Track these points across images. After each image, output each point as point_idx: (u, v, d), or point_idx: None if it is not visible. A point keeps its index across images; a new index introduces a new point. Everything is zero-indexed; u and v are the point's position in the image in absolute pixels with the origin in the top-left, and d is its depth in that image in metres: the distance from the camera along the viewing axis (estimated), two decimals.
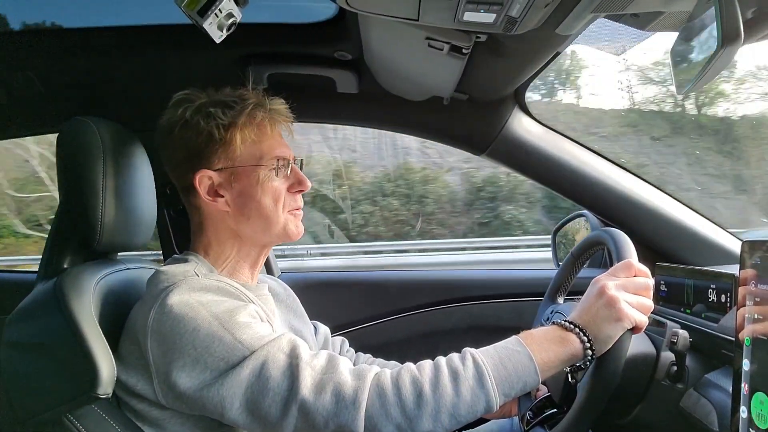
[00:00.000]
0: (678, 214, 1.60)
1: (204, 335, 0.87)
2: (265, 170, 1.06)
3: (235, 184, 1.06)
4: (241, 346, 0.87)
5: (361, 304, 1.83)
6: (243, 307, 0.93)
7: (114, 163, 1.09)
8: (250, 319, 0.91)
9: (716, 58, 0.67)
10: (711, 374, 1.01)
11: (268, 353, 0.86)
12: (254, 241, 1.11)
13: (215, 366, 0.86)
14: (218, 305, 0.91)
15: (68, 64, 1.51)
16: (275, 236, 1.10)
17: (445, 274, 2.02)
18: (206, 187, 1.06)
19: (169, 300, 0.91)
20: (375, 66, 1.42)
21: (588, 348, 0.91)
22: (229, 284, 1.00)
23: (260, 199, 1.06)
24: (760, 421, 0.75)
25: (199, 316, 0.89)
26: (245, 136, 1.06)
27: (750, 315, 0.78)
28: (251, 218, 1.07)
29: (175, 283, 0.94)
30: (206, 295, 0.94)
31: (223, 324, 0.88)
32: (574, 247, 1.34)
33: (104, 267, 1.11)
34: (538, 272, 1.93)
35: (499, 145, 1.61)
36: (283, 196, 1.08)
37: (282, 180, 1.09)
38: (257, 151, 1.06)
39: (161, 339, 0.90)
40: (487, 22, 0.92)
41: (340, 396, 0.83)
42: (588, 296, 0.96)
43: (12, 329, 1.00)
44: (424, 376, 0.85)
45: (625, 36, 1.13)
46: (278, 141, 1.10)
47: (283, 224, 1.09)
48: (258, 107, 1.06)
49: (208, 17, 0.89)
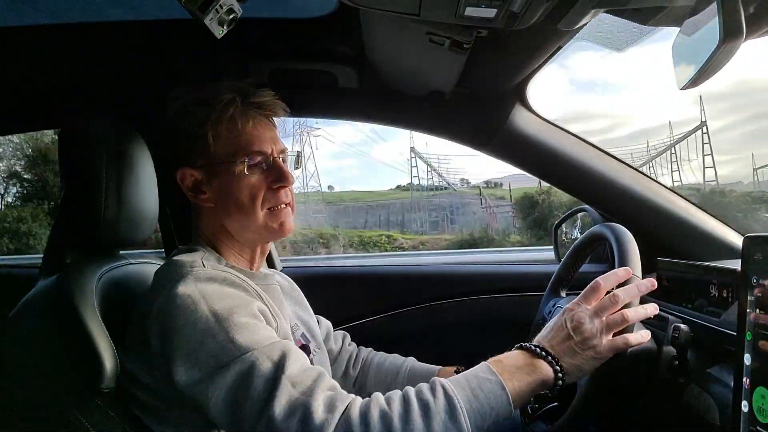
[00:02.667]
0: (679, 209, 1.59)
1: (200, 330, 0.87)
2: (240, 166, 1.05)
3: (213, 181, 1.07)
4: (233, 346, 0.86)
5: (363, 298, 1.83)
6: (245, 305, 0.93)
7: (116, 159, 1.10)
8: (249, 320, 0.91)
9: (717, 53, 0.67)
10: (713, 369, 1.01)
11: (256, 359, 0.85)
12: (243, 237, 1.11)
13: (206, 362, 0.86)
14: (220, 300, 0.91)
15: (70, 60, 1.51)
16: (257, 233, 1.09)
17: (448, 269, 2.02)
18: (189, 184, 1.08)
19: (174, 290, 0.91)
20: (376, 61, 1.42)
21: (559, 379, 0.90)
22: (236, 275, 1.00)
23: (237, 196, 1.05)
24: (761, 416, 0.75)
25: (199, 310, 0.89)
26: (218, 133, 1.05)
27: (752, 310, 0.78)
28: (232, 214, 1.07)
29: (182, 273, 0.95)
30: (212, 285, 0.94)
31: (220, 321, 0.88)
32: (576, 242, 1.35)
33: (107, 262, 1.12)
34: (540, 267, 1.93)
35: (501, 140, 1.61)
36: (261, 192, 1.06)
37: (259, 175, 1.07)
38: (232, 146, 1.05)
39: (162, 328, 0.91)
40: (489, 17, 0.92)
41: (307, 426, 0.80)
42: (559, 325, 0.96)
43: (15, 324, 1.01)
44: (394, 410, 0.82)
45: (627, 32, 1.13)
46: (256, 135, 1.07)
47: (262, 222, 1.07)
48: (231, 103, 1.05)
49: (209, 13, 0.88)
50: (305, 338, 1.18)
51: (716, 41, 0.66)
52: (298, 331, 1.17)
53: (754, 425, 0.76)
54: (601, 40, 1.21)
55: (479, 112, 1.58)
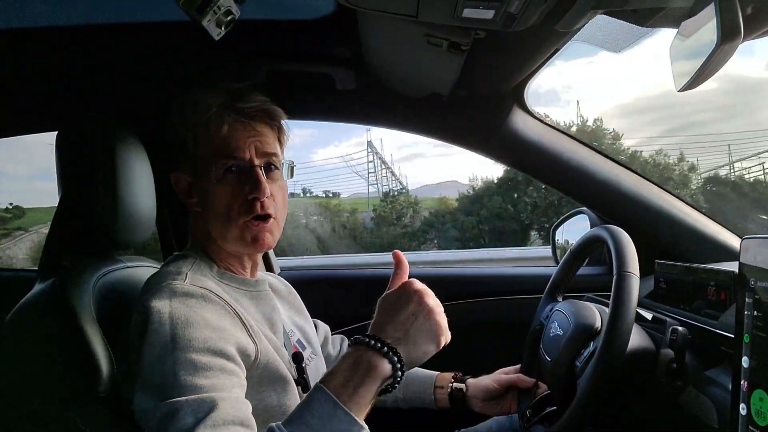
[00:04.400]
0: (677, 211, 1.59)
1: (156, 355, 0.84)
2: (218, 172, 1.02)
3: (198, 185, 1.05)
4: (173, 381, 0.82)
5: (361, 301, 1.81)
6: (208, 340, 0.87)
7: (113, 162, 1.09)
8: (204, 358, 0.85)
9: (715, 54, 0.67)
10: (710, 371, 1.01)
11: (181, 407, 0.79)
12: (225, 245, 1.07)
13: (150, 391, 0.83)
14: (186, 327, 0.86)
15: (67, 63, 1.51)
16: (234, 243, 1.05)
17: (445, 272, 2.01)
18: (182, 187, 1.07)
19: (147, 302, 0.89)
20: (374, 63, 1.42)
21: (396, 364, 0.83)
22: (216, 291, 0.96)
23: (213, 202, 1.02)
24: (759, 418, 0.75)
25: (161, 330, 0.85)
26: (199, 137, 1.03)
27: (749, 312, 0.78)
28: (211, 221, 1.04)
29: (160, 286, 0.92)
30: (187, 302, 0.90)
31: (174, 350, 0.84)
32: (574, 245, 1.35)
33: (104, 265, 1.11)
34: (538, 269, 1.93)
35: (499, 142, 1.61)
36: (237, 201, 1.02)
37: (235, 184, 1.02)
38: (210, 152, 1.02)
39: (132, 339, 0.90)
40: (486, 18, 0.92)
41: None
42: (398, 306, 0.88)
43: (12, 327, 1.00)
44: None
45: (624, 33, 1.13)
46: (233, 140, 1.02)
47: (239, 231, 1.03)
48: (209, 106, 1.02)
49: (207, 14, 0.88)
50: (301, 345, 1.16)
51: (714, 42, 0.66)
52: (294, 337, 1.16)
53: (752, 428, 0.76)
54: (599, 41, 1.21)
55: (477, 114, 1.58)
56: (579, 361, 1.09)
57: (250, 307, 1.06)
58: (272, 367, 0.98)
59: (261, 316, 1.07)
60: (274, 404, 0.98)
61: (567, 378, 1.11)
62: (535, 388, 1.28)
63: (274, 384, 0.98)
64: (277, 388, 0.98)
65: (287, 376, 1.00)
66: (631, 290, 1.01)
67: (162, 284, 0.93)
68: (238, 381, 0.89)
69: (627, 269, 1.03)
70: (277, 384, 0.99)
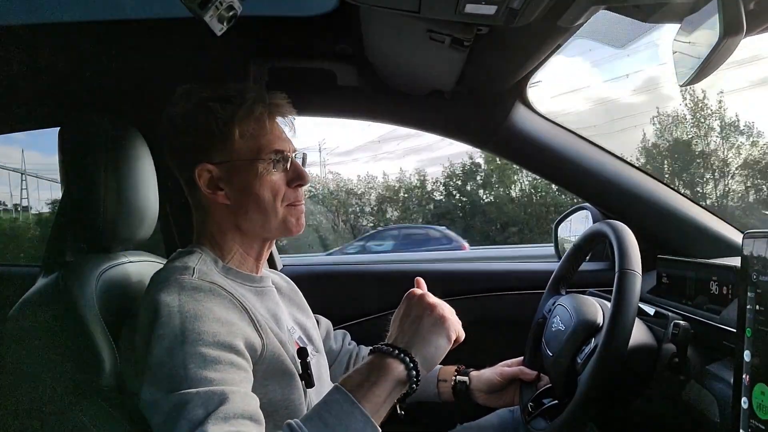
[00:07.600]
0: (680, 206, 1.59)
1: (165, 348, 0.85)
2: (264, 164, 1.06)
3: (233, 178, 1.07)
4: (183, 373, 0.83)
5: (364, 297, 1.83)
6: (218, 334, 0.89)
7: (116, 158, 1.10)
8: (214, 351, 0.87)
9: (718, 49, 0.67)
10: (712, 366, 1.02)
11: (192, 399, 0.80)
12: (255, 235, 1.11)
13: (159, 384, 0.84)
14: (195, 321, 0.88)
15: (70, 59, 1.51)
16: (274, 230, 1.10)
17: (448, 267, 2.02)
18: (206, 180, 1.07)
19: (156, 296, 0.90)
20: (376, 59, 1.42)
21: (412, 369, 0.87)
22: (224, 286, 0.98)
23: (258, 193, 1.06)
24: (761, 412, 0.75)
25: (171, 323, 0.87)
26: (244, 131, 1.05)
27: (751, 306, 0.79)
28: (249, 212, 1.07)
29: (169, 280, 0.94)
30: (195, 296, 0.92)
31: (184, 343, 0.85)
32: (576, 240, 1.35)
33: (107, 260, 1.12)
34: (541, 265, 1.92)
35: (501, 138, 1.61)
36: (282, 190, 1.08)
37: (281, 174, 1.09)
38: (256, 145, 1.06)
39: (140, 333, 0.91)
40: (489, 14, 0.92)
41: None
42: (404, 315, 0.95)
43: (15, 322, 1.01)
44: None
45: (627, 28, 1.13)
46: (277, 135, 1.10)
47: (282, 218, 1.09)
48: (257, 102, 1.06)
49: (209, 10, 0.88)
50: (302, 342, 1.17)
51: (716, 37, 0.67)
52: (295, 335, 1.16)
53: (754, 422, 0.76)
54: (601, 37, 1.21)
55: (479, 110, 1.58)
56: (580, 358, 1.09)
57: (256, 303, 1.06)
58: (278, 361, 0.99)
59: (266, 311, 1.08)
60: (278, 398, 0.99)
61: (568, 374, 1.12)
62: (538, 380, 1.28)
63: (278, 378, 1.00)
64: (281, 382, 1.00)
65: (292, 371, 1.01)
66: (632, 288, 1.01)
67: (170, 279, 0.94)
68: (246, 376, 0.90)
69: (628, 267, 1.03)
70: (282, 379, 1.00)
